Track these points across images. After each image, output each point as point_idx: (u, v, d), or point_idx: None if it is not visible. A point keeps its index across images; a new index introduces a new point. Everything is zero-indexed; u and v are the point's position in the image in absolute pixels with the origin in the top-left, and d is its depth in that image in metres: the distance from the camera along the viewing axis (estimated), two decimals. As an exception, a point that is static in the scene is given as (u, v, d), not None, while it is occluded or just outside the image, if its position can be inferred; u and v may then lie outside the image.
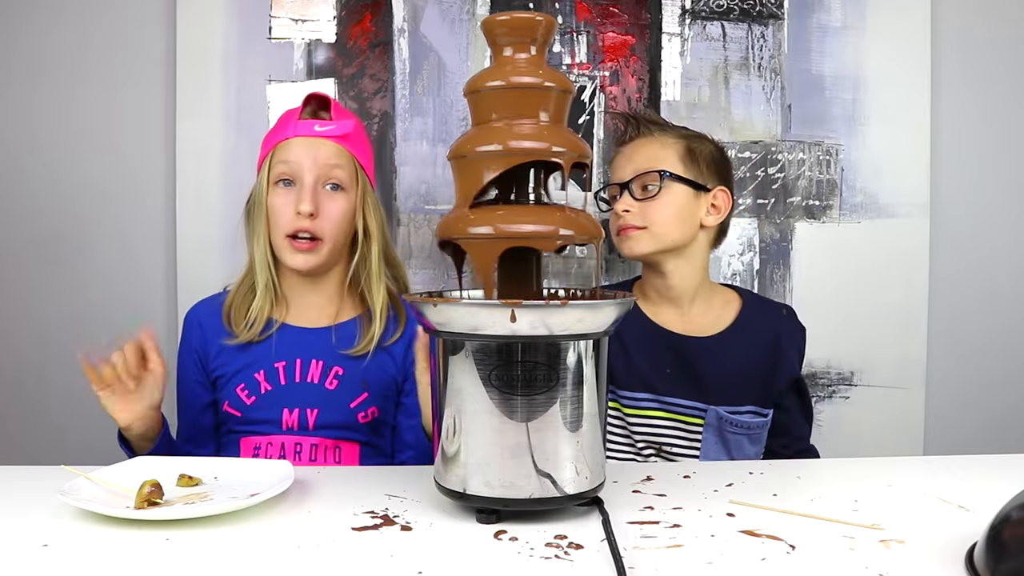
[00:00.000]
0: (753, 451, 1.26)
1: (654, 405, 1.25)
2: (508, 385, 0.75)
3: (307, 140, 1.15)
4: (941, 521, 0.77)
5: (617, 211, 1.28)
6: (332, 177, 1.15)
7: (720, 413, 1.24)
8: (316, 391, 1.16)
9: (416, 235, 1.64)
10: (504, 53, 0.81)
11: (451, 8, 1.63)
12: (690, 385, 1.25)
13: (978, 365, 1.71)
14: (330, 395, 1.16)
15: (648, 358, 1.26)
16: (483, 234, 0.77)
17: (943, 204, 1.69)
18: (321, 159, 1.14)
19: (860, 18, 1.65)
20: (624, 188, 1.28)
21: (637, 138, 1.32)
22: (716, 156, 1.31)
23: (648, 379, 1.25)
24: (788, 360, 1.30)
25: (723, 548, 0.70)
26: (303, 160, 1.14)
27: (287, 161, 1.14)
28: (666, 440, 1.25)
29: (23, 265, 1.66)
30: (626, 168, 1.29)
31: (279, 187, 1.15)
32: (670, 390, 1.25)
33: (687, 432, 1.25)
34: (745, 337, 1.28)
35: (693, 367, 1.25)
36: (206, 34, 1.61)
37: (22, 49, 1.63)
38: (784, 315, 1.34)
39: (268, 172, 1.16)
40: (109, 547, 0.71)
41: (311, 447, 1.15)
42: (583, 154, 0.81)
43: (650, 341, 1.27)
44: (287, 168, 1.14)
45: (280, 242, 1.15)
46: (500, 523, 0.76)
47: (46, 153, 1.65)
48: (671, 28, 1.65)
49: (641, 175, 1.26)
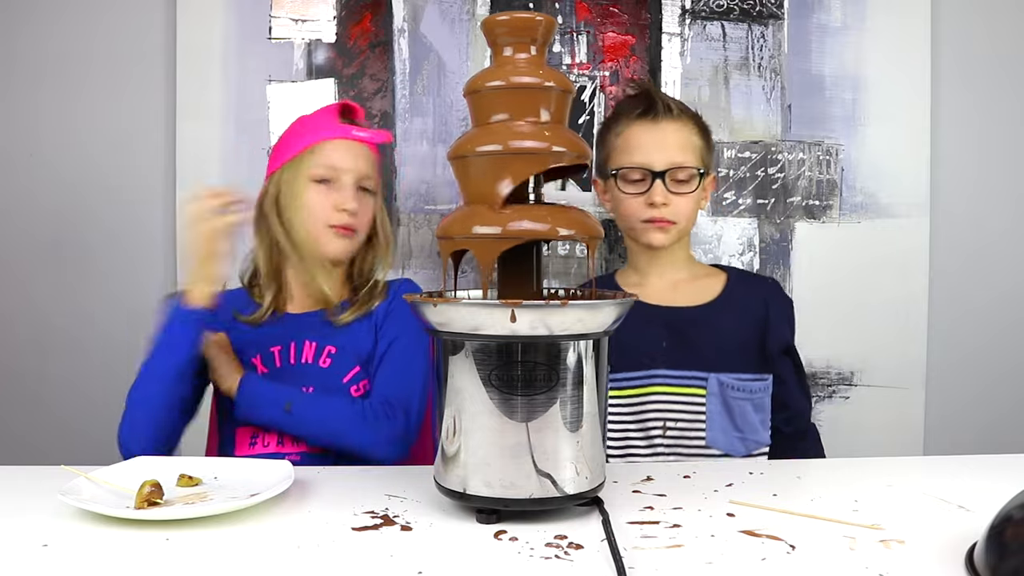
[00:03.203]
0: (758, 419, 1.25)
1: (655, 381, 1.24)
2: (508, 385, 0.75)
3: (347, 143, 1.21)
4: (941, 521, 0.77)
5: (655, 202, 1.24)
6: (366, 181, 1.22)
7: (721, 379, 1.23)
8: (311, 370, 1.19)
9: (416, 235, 1.64)
10: (504, 53, 0.81)
11: (451, 8, 1.63)
12: (688, 355, 1.24)
13: (978, 365, 1.71)
14: (324, 372, 1.19)
15: (642, 336, 1.24)
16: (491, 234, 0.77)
17: (943, 204, 1.69)
18: (361, 163, 1.21)
19: (860, 18, 1.66)
20: (657, 177, 1.24)
21: (662, 119, 1.27)
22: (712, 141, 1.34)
23: (645, 357, 1.24)
24: (779, 327, 1.30)
25: (723, 548, 0.70)
26: (345, 162, 1.20)
27: (330, 161, 1.20)
28: (671, 415, 1.23)
29: (23, 264, 1.66)
30: (657, 154, 1.25)
31: (317, 185, 1.20)
32: (668, 363, 1.24)
33: (691, 404, 1.23)
34: (736, 304, 1.29)
35: (688, 337, 1.25)
36: (206, 34, 1.61)
37: (22, 49, 1.64)
38: (770, 284, 1.37)
39: (305, 169, 1.20)
40: (109, 547, 0.71)
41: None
42: (583, 154, 0.81)
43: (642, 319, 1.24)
44: (329, 168, 1.20)
45: (320, 230, 1.20)
46: (500, 523, 0.76)
47: (46, 153, 1.65)
48: (671, 28, 1.65)
49: (676, 168, 1.24)
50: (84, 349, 1.65)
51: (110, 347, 1.62)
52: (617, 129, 1.30)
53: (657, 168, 1.24)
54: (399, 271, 1.64)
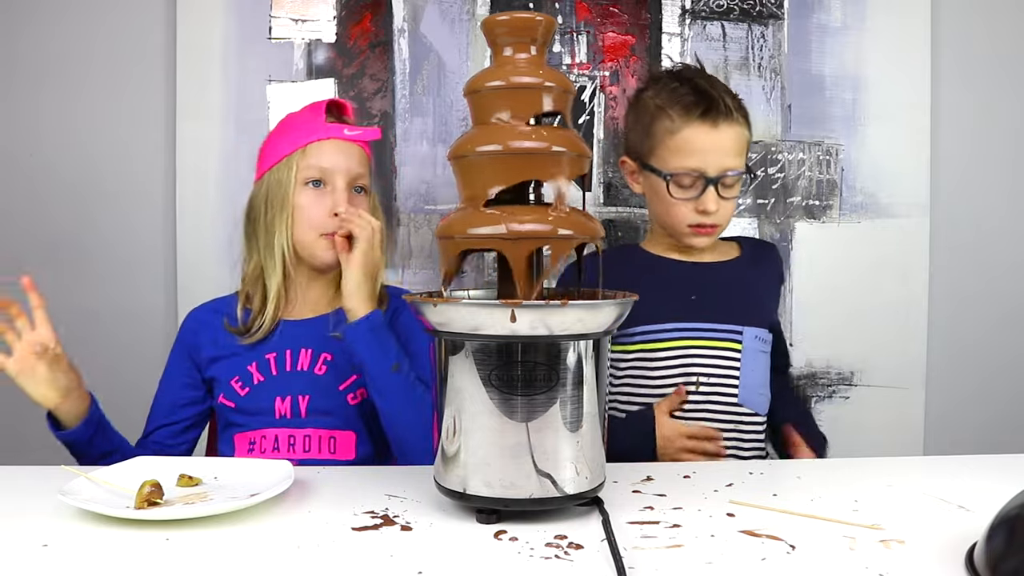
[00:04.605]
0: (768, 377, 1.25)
1: (688, 334, 1.20)
2: (508, 385, 0.75)
3: (338, 144, 1.17)
4: (941, 521, 0.77)
5: (707, 210, 1.18)
6: (359, 180, 1.19)
7: (756, 333, 1.22)
8: (306, 377, 1.18)
9: (416, 235, 1.64)
10: (504, 53, 0.81)
11: (451, 8, 1.63)
12: (719, 308, 1.21)
13: (978, 365, 1.71)
14: (320, 380, 1.17)
15: (669, 290, 1.22)
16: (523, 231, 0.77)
17: (943, 204, 1.69)
18: (353, 163, 1.18)
19: (860, 18, 1.66)
20: (710, 184, 1.17)
21: (721, 123, 1.18)
22: None
23: (673, 309, 1.21)
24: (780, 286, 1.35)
25: (723, 548, 0.70)
26: (336, 163, 1.16)
27: (320, 162, 1.16)
28: (702, 369, 1.20)
29: (23, 265, 1.65)
30: (712, 159, 1.17)
31: (309, 187, 1.17)
32: (701, 317, 1.21)
33: (725, 359, 1.20)
34: (756, 263, 1.30)
35: (719, 291, 1.23)
36: (206, 34, 1.61)
37: (23, 50, 1.64)
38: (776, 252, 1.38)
39: (296, 172, 1.16)
40: (109, 547, 0.71)
41: (304, 438, 1.16)
42: (583, 154, 0.81)
43: (668, 274, 1.24)
44: (320, 169, 1.16)
45: (311, 239, 1.16)
46: (500, 523, 0.76)
47: (46, 153, 1.65)
48: (671, 28, 1.65)
49: (728, 175, 1.18)
50: (84, 349, 1.64)
51: (110, 347, 1.62)
52: (671, 126, 1.19)
53: (711, 174, 1.17)
54: (399, 271, 1.64)
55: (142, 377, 1.51)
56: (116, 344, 1.61)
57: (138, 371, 1.58)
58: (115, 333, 1.63)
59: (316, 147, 1.17)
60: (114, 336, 1.63)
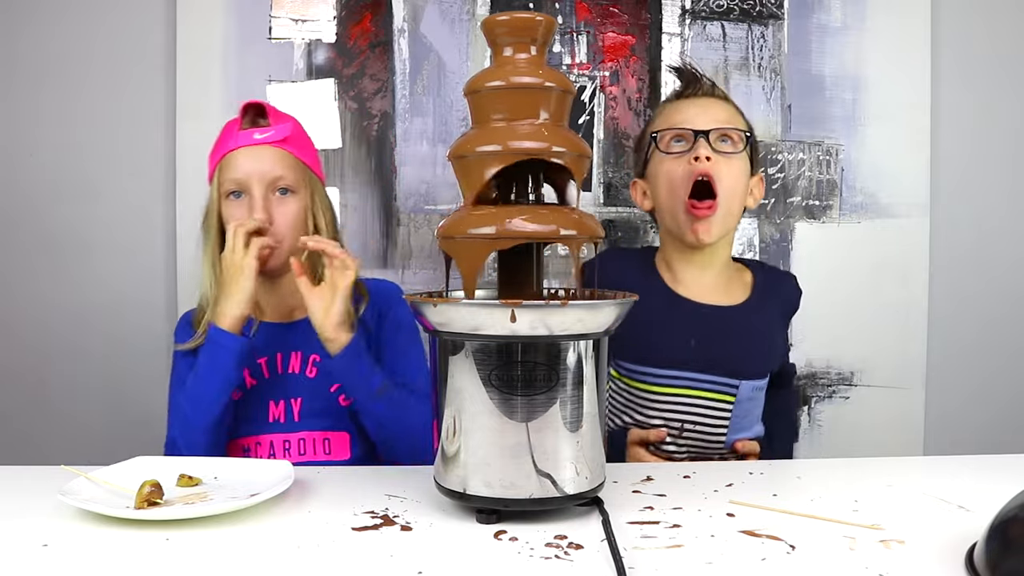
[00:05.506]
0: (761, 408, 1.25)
1: (680, 383, 1.19)
2: (508, 385, 0.75)
3: (250, 150, 1.15)
4: (941, 521, 0.77)
5: (699, 156, 1.15)
6: (279, 183, 1.16)
7: (754, 384, 1.21)
8: (298, 380, 1.18)
9: (416, 235, 1.64)
10: (504, 53, 0.81)
11: (451, 8, 1.63)
12: (719, 359, 1.19)
13: (978, 365, 1.71)
14: (311, 383, 1.18)
15: (670, 331, 1.20)
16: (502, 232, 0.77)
17: (943, 204, 1.69)
18: (267, 167, 1.15)
19: (860, 18, 1.66)
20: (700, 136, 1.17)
21: (706, 96, 1.22)
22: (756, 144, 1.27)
23: (671, 353, 1.19)
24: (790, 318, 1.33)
25: (723, 548, 0.70)
26: (250, 171, 1.15)
27: (235, 173, 1.15)
28: (691, 417, 1.19)
29: (24, 264, 1.66)
30: (701, 118, 1.18)
31: (231, 200, 1.16)
32: (696, 365, 1.19)
33: (716, 409, 1.19)
34: (765, 300, 1.25)
35: (719, 339, 1.20)
36: (206, 34, 1.61)
37: (23, 50, 1.64)
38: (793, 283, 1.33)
39: (218, 186, 1.17)
40: (109, 547, 0.71)
41: (299, 442, 1.16)
42: (583, 154, 0.81)
43: (672, 312, 1.21)
44: (235, 181, 1.15)
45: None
46: (500, 523, 0.76)
47: (47, 153, 1.65)
48: (671, 28, 1.65)
49: (722, 128, 1.18)
50: (84, 349, 1.65)
51: (110, 347, 1.62)
52: (661, 108, 1.25)
53: (700, 127, 1.17)
54: (400, 272, 1.64)
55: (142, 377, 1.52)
56: (116, 343, 1.61)
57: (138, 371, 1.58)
58: (115, 333, 1.63)
59: (231, 157, 1.16)
60: (114, 335, 1.63)
